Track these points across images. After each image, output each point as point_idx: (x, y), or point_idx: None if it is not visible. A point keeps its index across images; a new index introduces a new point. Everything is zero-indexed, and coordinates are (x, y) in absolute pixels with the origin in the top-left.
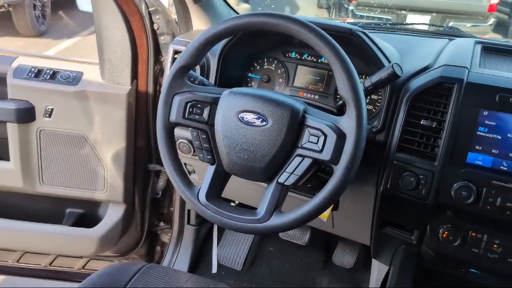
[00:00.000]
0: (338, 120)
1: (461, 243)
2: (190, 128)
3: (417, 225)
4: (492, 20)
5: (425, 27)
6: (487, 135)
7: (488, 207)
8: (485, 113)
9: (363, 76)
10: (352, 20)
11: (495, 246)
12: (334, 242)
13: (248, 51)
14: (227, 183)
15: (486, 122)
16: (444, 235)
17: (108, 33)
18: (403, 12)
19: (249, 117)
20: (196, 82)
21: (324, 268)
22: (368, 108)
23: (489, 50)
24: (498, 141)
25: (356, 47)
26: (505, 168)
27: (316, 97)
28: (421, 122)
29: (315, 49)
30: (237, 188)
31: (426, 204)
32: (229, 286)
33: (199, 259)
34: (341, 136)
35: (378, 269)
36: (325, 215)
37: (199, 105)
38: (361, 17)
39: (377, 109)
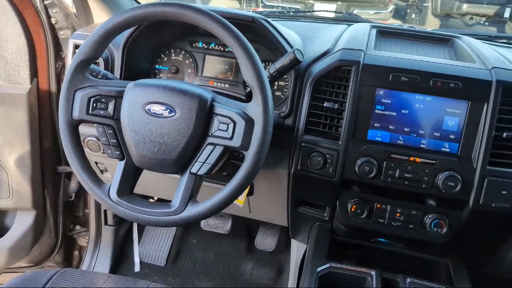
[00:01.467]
0: (245, 106)
1: (368, 215)
2: (96, 124)
3: (328, 202)
4: (391, 7)
5: (327, 14)
6: (384, 112)
7: (389, 179)
8: (381, 92)
9: (269, 63)
10: (262, 10)
11: (397, 215)
12: (255, 228)
13: (154, 42)
14: (139, 179)
15: (382, 100)
16: (353, 209)
17: (0, 29)
18: (311, 1)
19: (156, 108)
20: (100, 76)
21: (247, 254)
22: (277, 94)
23: (384, 33)
24: (394, 118)
25: (260, 35)
26: (402, 142)
27: (226, 85)
28: (325, 105)
29: (218, 37)
30: (151, 183)
31: (334, 181)
32: (150, 282)
33: (121, 260)
34: (249, 122)
35: (297, 248)
36: (241, 200)
37: (103, 100)
38: (271, 6)
39: (285, 95)
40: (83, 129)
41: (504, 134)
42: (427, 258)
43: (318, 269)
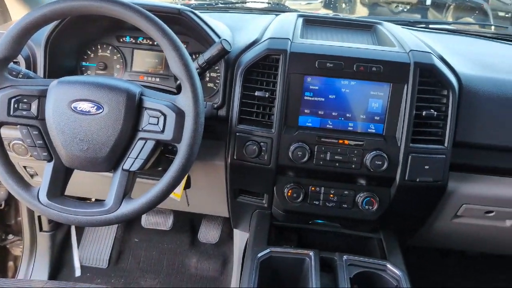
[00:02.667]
0: (175, 99)
1: (304, 198)
2: (19, 126)
3: (265, 189)
4: None
5: (256, 5)
6: (313, 98)
7: (321, 162)
8: (309, 79)
9: (199, 55)
10: (193, 2)
11: (331, 196)
12: (198, 222)
13: (79, 38)
14: (74, 180)
15: (310, 87)
16: (289, 194)
17: None
18: None
19: (83, 106)
20: (20, 75)
21: (191, 248)
22: (209, 86)
23: (310, 22)
24: (322, 103)
25: (188, 27)
26: (331, 126)
27: (157, 79)
28: (256, 94)
29: (143, 31)
30: (87, 184)
31: (269, 168)
32: (90, 285)
33: (60, 266)
34: (180, 114)
35: (240, 238)
36: (178, 194)
37: (25, 100)
38: None
39: (217, 86)
40: (7, 132)
41: (424, 113)
42: (362, 235)
43: (259, 255)
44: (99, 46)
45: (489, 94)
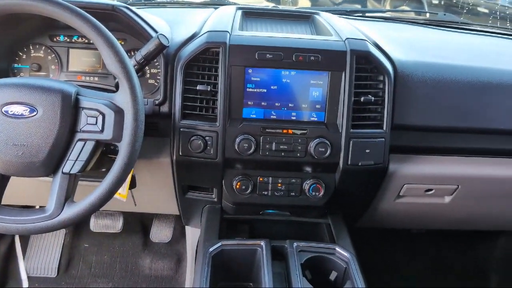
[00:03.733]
0: (113, 97)
1: (253, 190)
2: None
3: (214, 183)
4: None
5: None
6: (255, 90)
7: (267, 153)
8: (250, 70)
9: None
10: None
11: (279, 185)
12: (149, 221)
13: (9, 39)
14: (14, 188)
15: (252, 78)
16: (237, 186)
17: None
18: None
19: (15, 109)
20: None
21: (144, 249)
22: (150, 82)
23: (249, 14)
24: (264, 94)
25: (124, 24)
26: (275, 117)
27: (96, 79)
28: (198, 88)
29: (76, 29)
30: (26, 191)
31: (216, 162)
32: None
33: (5, 279)
34: (119, 112)
35: (192, 234)
36: (123, 194)
37: None
38: None
39: (159, 82)
40: None
41: (362, 98)
42: (311, 221)
43: (211, 249)
44: (31, 47)
45: (423, 78)
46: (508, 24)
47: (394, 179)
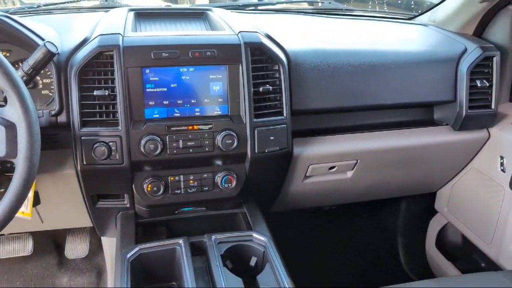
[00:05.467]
0: (1, 111)
1: (165, 190)
2: None
3: (124, 189)
4: None
5: (84, 4)
6: (155, 90)
7: (175, 151)
8: (147, 71)
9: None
10: (13, 7)
11: (191, 182)
12: (62, 238)
13: None
14: None
15: (151, 79)
16: (148, 188)
17: None
18: None
19: None
20: None
21: (60, 268)
22: (44, 93)
23: (142, 15)
24: (165, 93)
25: (7, 34)
26: (178, 114)
27: None
28: (95, 93)
29: None
30: None
31: (123, 167)
32: None
33: None
34: (10, 127)
35: (109, 244)
36: (27, 213)
37: None
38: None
39: (54, 92)
40: None
41: (261, 89)
42: (228, 213)
43: (128, 255)
44: None
45: (314, 64)
46: (385, 8)
47: (300, 161)
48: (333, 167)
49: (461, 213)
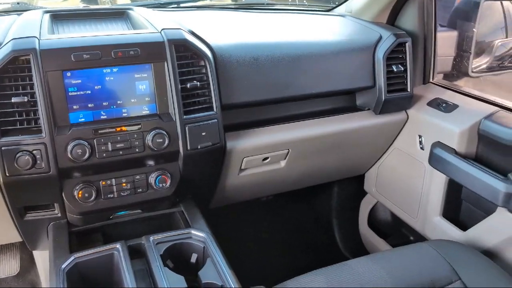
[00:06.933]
0: None
1: (97, 195)
2: None
3: (54, 198)
4: None
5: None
6: (78, 93)
7: (104, 155)
8: (69, 74)
9: None
10: None
11: (124, 185)
12: None
13: None
14: None
15: (73, 81)
16: (80, 195)
17: None
18: None
19: None
20: None
21: None
22: None
23: (59, 17)
24: (89, 96)
25: None
26: (105, 117)
27: None
28: (13, 100)
29: None
30: None
31: (51, 175)
32: None
33: None
34: None
35: (42, 258)
36: None
37: None
38: None
39: None
40: None
41: (188, 85)
42: (165, 213)
43: (63, 266)
44: None
45: (240, 58)
46: (305, 1)
47: (234, 155)
48: (267, 158)
49: (388, 192)
